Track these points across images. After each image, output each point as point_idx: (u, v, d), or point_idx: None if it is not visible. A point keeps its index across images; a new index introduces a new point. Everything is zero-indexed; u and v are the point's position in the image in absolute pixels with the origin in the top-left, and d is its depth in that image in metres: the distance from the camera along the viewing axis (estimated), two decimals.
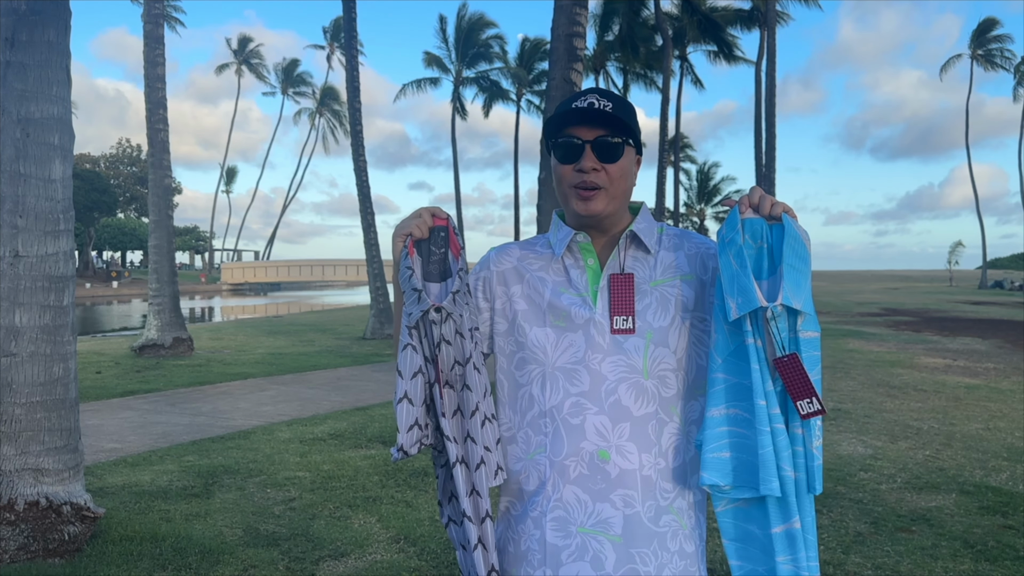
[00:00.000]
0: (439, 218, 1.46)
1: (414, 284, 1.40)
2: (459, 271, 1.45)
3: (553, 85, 9.26)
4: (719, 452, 1.38)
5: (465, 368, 1.44)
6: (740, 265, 1.33)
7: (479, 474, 1.43)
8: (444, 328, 1.41)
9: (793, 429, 1.35)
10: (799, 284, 1.32)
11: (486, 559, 1.44)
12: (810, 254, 1.34)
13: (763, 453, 1.33)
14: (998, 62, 48.82)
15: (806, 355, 1.33)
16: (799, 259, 1.32)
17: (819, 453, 1.35)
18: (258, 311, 35.62)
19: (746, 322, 1.34)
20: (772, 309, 1.31)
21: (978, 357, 13.02)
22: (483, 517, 1.44)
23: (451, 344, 1.42)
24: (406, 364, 1.42)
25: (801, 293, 1.31)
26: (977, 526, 4.41)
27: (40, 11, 4.12)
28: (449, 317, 1.41)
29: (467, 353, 1.44)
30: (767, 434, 1.32)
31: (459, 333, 1.43)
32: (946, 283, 60.12)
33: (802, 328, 1.34)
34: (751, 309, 1.31)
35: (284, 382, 10.58)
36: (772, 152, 25.25)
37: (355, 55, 17.56)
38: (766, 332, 1.34)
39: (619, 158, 1.46)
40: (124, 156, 62.59)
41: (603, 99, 1.46)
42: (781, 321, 1.33)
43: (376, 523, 4.49)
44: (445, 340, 1.41)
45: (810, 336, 1.34)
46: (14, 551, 3.81)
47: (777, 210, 1.36)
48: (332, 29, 59.92)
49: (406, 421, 1.42)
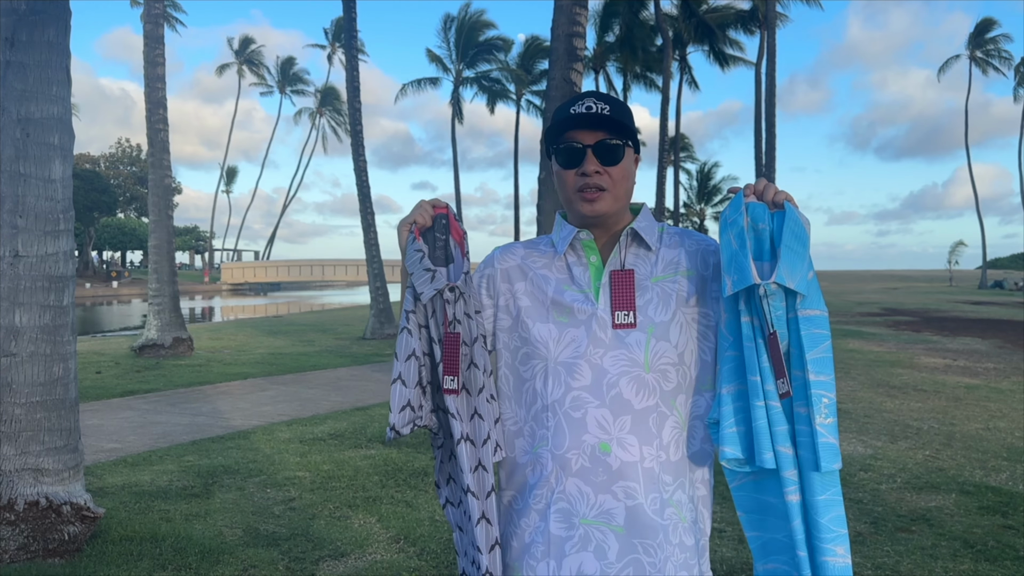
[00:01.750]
0: (439, 207, 1.53)
1: (426, 265, 1.47)
2: (465, 254, 1.52)
3: (553, 85, 9.26)
4: (733, 427, 1.42)
5: (472, 348, 1.49)
6: (740, 245, 1.38)
7: (485, 449, 1.48)
8: (457, 307, 1.48)
9: (797, 408, 1.38)
10: (796, 265, 1.35)
11: (489, 533, 1.47)
12: (809, 237, 1.38)
13: (756, 426, 1.38)
14: (996, 63, 48.82)
15: (805, 332, 1.36)
16: (798, 241, 1.36)
17: (828, 431, 1.34)
18: (258, 311, 35.61)
19: (740, 301, 1.40)
20: (765, 287, 1.35)
21: (978, 357, 13.02)
22: (488, 491, 1.48)
23: (461, 323, 1.48)
24: (401, 347, 1.49)
25: (797, 273, 1.35)
26: (977, 526, 4.41)
27: (40, 11, 4.12)
28: (462, 296, 1.48)
29: (474, 333, 1.49)
30: (760, 408, 1.38)
31: (467, 314, 1.49)
32: (946, 283, 60.07)
33: (801, 307, 1.37)
34: (745, 286, 1.36)
35: (284, 382, 10.58)
36: (772, 152, 25.25)
37: (355, 55, 17.57)
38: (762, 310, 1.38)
39: (620, 160, 1.51)
40: (124, 156, 62.55)
41: (600, 102, 1.49)
42: (776, 300, 1.37)
43: (376, 523, 4.49)
44: (457, 319, 1.47)
45: (810, 314, 1.37)
46: (14, 551, 3.81)
47: (780, 198, 1.41)
48: (333, 29, 59.93)
49: (399, 402, 1.48)
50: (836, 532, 1.36)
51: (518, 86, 41.17)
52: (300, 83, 69.24)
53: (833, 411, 1.35)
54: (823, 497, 1.36)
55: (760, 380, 1.38)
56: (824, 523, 1.35)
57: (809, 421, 1.35)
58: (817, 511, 1.36)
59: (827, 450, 1.33)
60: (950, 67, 51.07)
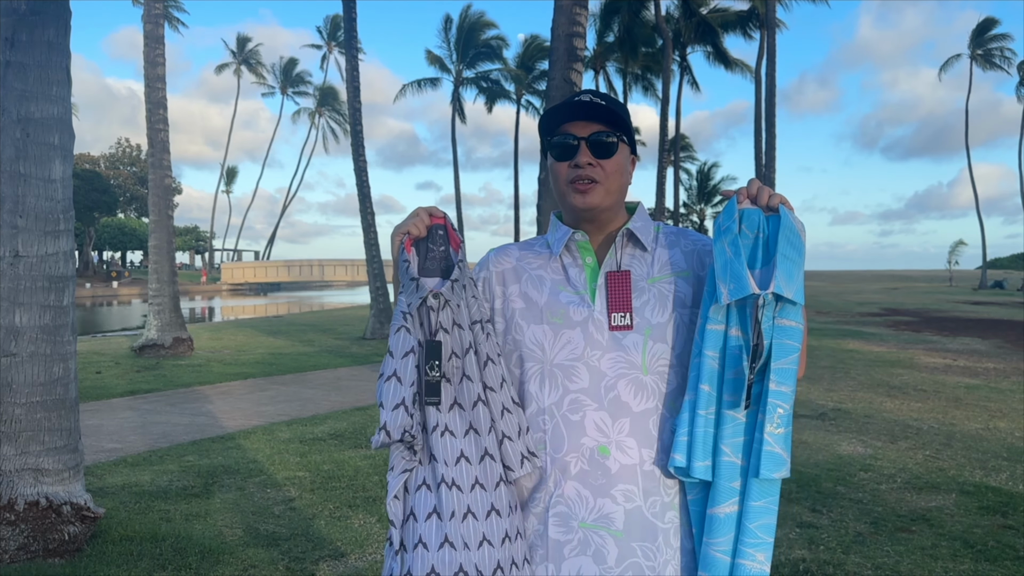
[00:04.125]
0: (436, 217, 1.47)
1: (411, 274, 1.41)
2: (459, 262, 1.45)
3: (553, 85, 9.25)
4: (685, 435, 1.40)
5: (463, 360, 1.42)
6: (735, 253, 1.35)
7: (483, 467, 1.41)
8: (442, 315, 1.40)
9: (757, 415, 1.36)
10: (792, 274, 1.33)
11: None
12: (804, 245, 1.36)
13: (695, 434, 1.37)
14: (997, 62, 48.81)
15: (778, 342, 1.33)
16: (794, 249, 1.34)
17: (778, 440, 1.33)
18: (258, 311, 35.61)
19: (721, 309, 1.37)
20: (764, 297, 1.32)
21: (978, 357, 13.02)
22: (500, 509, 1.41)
23: (448, 333, 1.40)
24: (398, 344, 1.40)
25: (793, 283, 1.33)
26: (977, 526, 4.41)
27: (40, 11, 4.12)
28: (447, 304, 1.40)
29: (465, 344, 1.42)
30: (702, 417, 1.37)
31: (457, 324, 1.41)
32: (946, 283, 60.04)
33: (779, 315, 1.34)
34: (743, 296, 1.32)
35: (284, 382, 10.58)
36: (772, 152, 25.25)
37: (355, 55, 17.56)
38: (753, 319, 1.34)
39: (614, 153, 1.49)
40: (124, 156, 62.56)
41: (596, 97, 1.48)
42: (769, 309, 1.34)
43: (376, 523, 4.49)
44: (443, 328, 1.39)
45: (787, 324, 1.34)
46: (14, 551, 3.81)
47: (774, 201, 1.38)
48: (329, 28, 59.73)
49: (392, 399, 1.37)
50: (761, 539, 1.35)
51: (518, 86, 41.16)
52: (302, 84, 69.20)
53: (787, 422, 1.33)
54: (757, 503, 1.35)
55: (712, 391, 1.37)
56: (752, 528, 1.35)
57: (761, 427, 1.34)
58: (748, 516, 1.35)
59: (769, 458, 1.32)
60: (951, 66, 51.07)
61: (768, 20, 26.23)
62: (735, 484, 1.37)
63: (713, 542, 1.37)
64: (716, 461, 1.37)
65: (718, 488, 1.37)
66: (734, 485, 1.37)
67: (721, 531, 1.37)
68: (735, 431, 1.37)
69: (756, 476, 1.33)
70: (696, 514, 1.44)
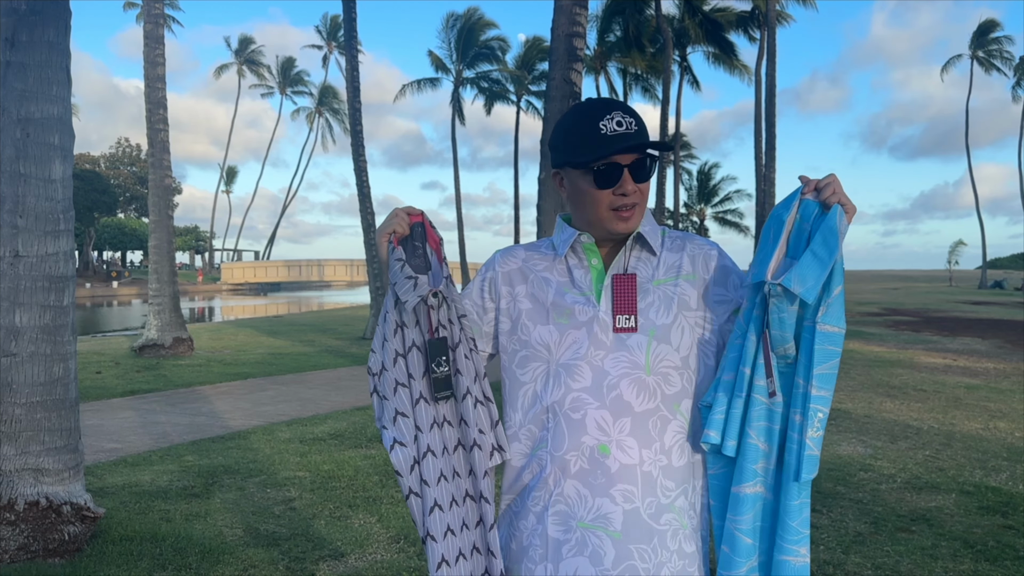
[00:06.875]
0: (414, 215, 1.52)
1: (407, 272, 1.45)
2: (442, 260, 1.51)
3: (553, 85, 9.25)
4: (721, 414, 1.44)
5: (455, 353, 1.48)
6: (774, 239, 1.41)
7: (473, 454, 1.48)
8: (441, 313, 1.47)
9: (792, 414, 1.39)
10: (812, 272, 1.34)
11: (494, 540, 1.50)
12: (839, 248, 1.36)
13: (731, 414, 1.42)
14: (997, 63, 48.81)
15: (819, 347, 1.36)
16: (826, 250, 1.35)
17: (815, 444, 1.37)
18: (258, 311, 35.61)
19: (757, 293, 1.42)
20: (771, 287, 1.36)
21: (978, 357, 13.02)
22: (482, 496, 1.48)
23: (447, 328, 1.47)
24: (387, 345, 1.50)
25: (809, 281, 1.34)
26: (977, 526, 4.41)
27: (40, 11, 4.12)
28: (445, 301, 1.47)
29: (456, 339, 1.48)
30: (740, 399, 1.41)
31: (451, 320, 1.48)
32: (946, 283, 59.99)
33: (822, 320, 1.37)
34: (758, 280, 1.39)
35: (284, 382, 10.58)
36: (772, 152, 25.26)
37: (355, 54, 17.55)
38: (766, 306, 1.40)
39: (651, 175, 1.51)
40: (124, 156, 62.56)
41: (627, 117, 1.46)
42: (780, 301, 1.37)
43: (376, 523, 4.49)
44: (442, 324, 1.47)
45: (828, 329, 1.37)
46: (14, 551, 3.81)
47: (832, 200, 1.38)
48: (329, 27, 59.54)
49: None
50: (802, 534, 1.40)
51: (517, 87, 41.13)
52: (300, 84, 69.12)
53: (824, 425, 1.38)
54: (796, 502, 1.39)
55: (751, 373, 1.41)
56: (794, 526, 1.39)
57: (801, 430, 1.37)
58: (789, 514, 1.38)
59: (810, 462, 1.36)
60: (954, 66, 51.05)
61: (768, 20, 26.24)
62: (757, 467, 1.42)
63: (737, 519, 1.43)
64: (742, 442, 1.42)
65: (743, 468, 1.42)
66: (756, 468, 1.42)
67: (745, 509, 1.42)
68: (759, 415, 1.41)
69: (797, 480, 1.37)
70: (716, 488, 1.49)
